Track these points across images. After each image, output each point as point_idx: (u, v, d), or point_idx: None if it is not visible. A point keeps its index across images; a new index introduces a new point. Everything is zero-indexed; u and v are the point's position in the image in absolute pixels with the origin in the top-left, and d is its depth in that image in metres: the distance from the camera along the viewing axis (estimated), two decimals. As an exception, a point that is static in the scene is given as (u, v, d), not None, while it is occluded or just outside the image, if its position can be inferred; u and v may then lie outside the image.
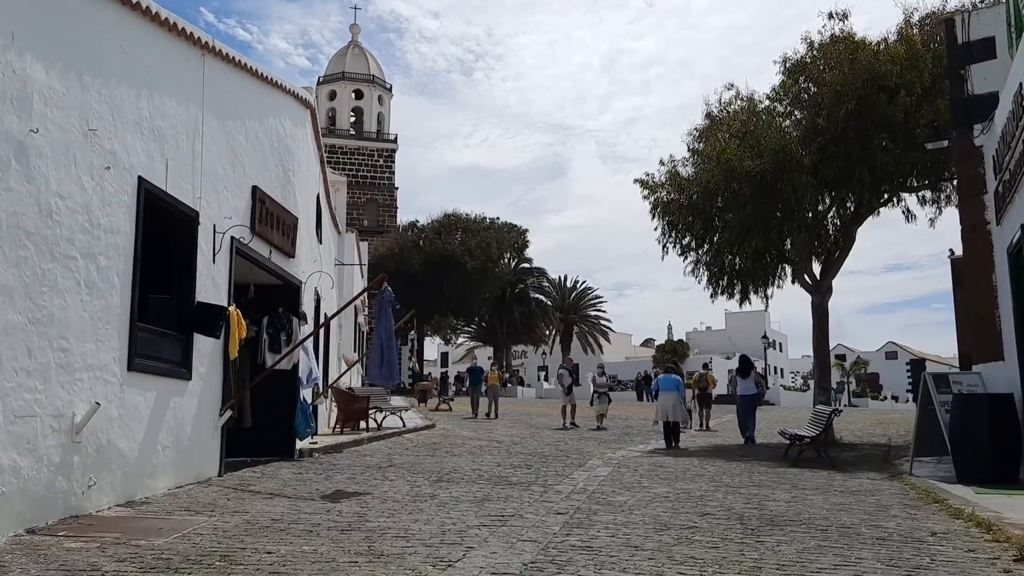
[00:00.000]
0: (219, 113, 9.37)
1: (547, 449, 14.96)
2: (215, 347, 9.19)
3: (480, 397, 23.47)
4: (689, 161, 19.07)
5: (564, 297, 65.38)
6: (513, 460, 12.79)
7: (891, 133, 15.77)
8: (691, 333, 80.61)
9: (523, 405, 34.99)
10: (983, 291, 11.30)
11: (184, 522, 6.52)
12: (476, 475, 10.48)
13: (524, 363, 79.31)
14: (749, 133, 17.48)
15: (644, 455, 14.54)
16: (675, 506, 8.09)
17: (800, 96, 17.70)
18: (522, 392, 54.36)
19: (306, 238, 13.14)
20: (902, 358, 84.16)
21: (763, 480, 10.59)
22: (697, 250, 19.18)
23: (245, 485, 8.89)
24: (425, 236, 52.50)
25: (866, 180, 15.88)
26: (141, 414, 7.55)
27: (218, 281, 9.26)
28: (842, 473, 11.56)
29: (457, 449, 14.54)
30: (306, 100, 12.68)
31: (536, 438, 17.50)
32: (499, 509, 7.62)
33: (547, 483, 9.84)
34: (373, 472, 10.49)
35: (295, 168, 12.00)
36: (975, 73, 11.67)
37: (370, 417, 17.07)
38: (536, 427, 20.67)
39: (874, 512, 7.85)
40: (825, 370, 17.63)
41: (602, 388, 21.70)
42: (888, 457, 13.88)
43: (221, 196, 9.40)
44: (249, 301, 11.21)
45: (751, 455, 14.59)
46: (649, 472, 11.44)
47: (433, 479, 9.93)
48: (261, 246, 10.58)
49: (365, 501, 7.98)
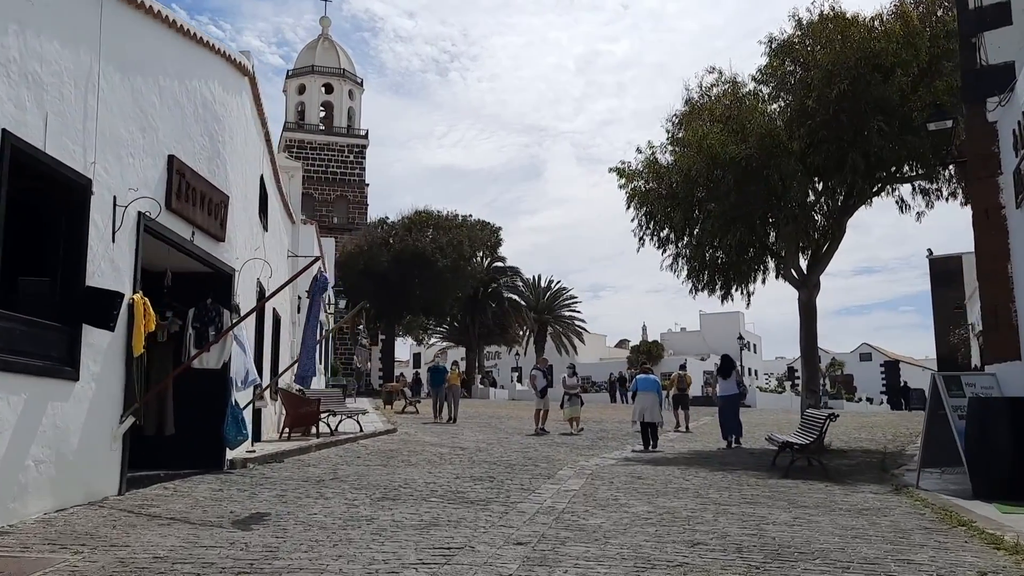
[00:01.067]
0: (124, 66, 7.93)
1: (514, 457, 13.62)
2: (114, 342, 7.74)
3: (443, 399, 21.86)
4: (668, 148, 17.82)
5: (538, 297, 63.99)
6: (475, 471, 11.44)
7: (886, 116, 14.62)
8: (666, 334, 79.62)
9: (494, 407, 33.53)
10: (997, 283, 10.16)
11: (37, 562, 5.11)
12: (429, 490, 9.11)
13: (498, 364, 77.89)
14: (733, 118, 16.27)
15: (620, 463, 13.26)
16: (658, 532, 6.78)
17: (787, 79, 16.52)
18: (494, 394, 52.94)
19: (244, 222, 11.70)
20: (876, 360, 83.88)
21: (755, 495, 9.33)
22: (676, 243, 17.94)
23: (146, 507, 7.45)
24: (395, 233, 50.86)
25: (859, 166, 14.71)
26: (2, 423, 6.10)
27: (119, 263, 7.82)
28: (841, 486, 10.33)
29: (415, 457, 13.16)
30: (242, 66, 11.24)
31: (504, 444, 16.15)
32: (446, 539, 6.26)
33: (509, 500, 8.50)
34: (309, 487, 9.09)
35: (226, 140, 10.56)
36: (989, 41, 10.51)
37: (322, 421, 15.62)
38: (505, 432, 19.31)
39: (895, 539, 6.60)
40: (814, 371, 16.46)
41: (573, 390, 20.20)
42: (885, 465, 12.70)
43: (125, 164, 7.96)
44: (168, 290, 9.79)
45: (735, 463, 13.36)
46: (626, 485, 10.14)
47: (377, 496, 8.55)
48: (180, 225, 9.14)
49: (284, 528, 6.58)
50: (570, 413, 19.68)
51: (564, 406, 19.92)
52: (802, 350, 16.66)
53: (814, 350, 16.54)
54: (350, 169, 64.54)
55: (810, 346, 16.42)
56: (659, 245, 18.12)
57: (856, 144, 14.90)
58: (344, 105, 65.61)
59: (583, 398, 21.23)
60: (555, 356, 57.76)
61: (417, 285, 48.32)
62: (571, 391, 20.02)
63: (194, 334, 10.21)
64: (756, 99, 16.83)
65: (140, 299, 8.00)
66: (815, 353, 16.66)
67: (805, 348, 16.48)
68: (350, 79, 66.29)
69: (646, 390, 16.20)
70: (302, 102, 64.98)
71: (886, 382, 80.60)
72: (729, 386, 16.91)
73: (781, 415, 33.67)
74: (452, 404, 21.20)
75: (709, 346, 73.67)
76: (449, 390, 21.33)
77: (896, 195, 16.42)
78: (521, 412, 27.10)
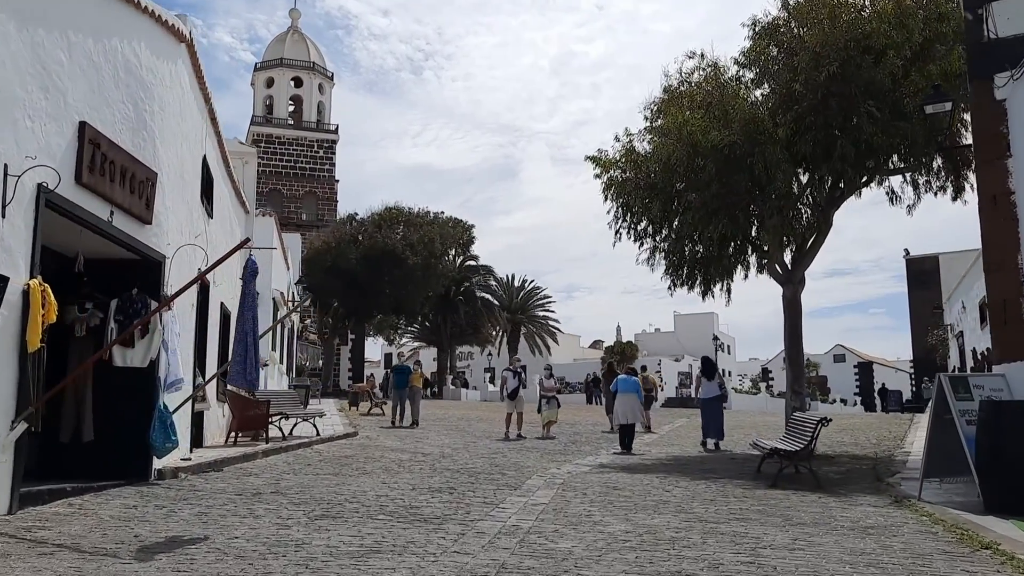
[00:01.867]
0: (20, 14, 6.79)
1: (479, 464, 12.59)
2: (2, 336, 6.59)
3: (405, 401, 19.89)
4: (647, 136, 16.83)
5: (512, 297, 62.89)
6: (435, 480, 10.38)
7: (877, 101, 13.75)
8: (640, 335, 78.95)
9: (465, 409, 32.32)
10: (1006, 275, 9.28)
11: None
12: (378, 505, 8.05)
13: (471, 365, 76.71)
14: (715, 103, 15.32)
15: (594, 470, 12.27)
16: (639, 559, 5.78)
17: (771, 63, 15.59)
18: (466, 395, 51.78)
19: (179, 204, 10.54)
20: (850, 361, 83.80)
21: (745, 510, 8.36)
22: (655, 236, 16.94)
23: (34, 529, 6.31)
24: (364, 230, 49.49)
25: (849, 154, 13.82)
26: None
27: (10, 242, 6.66)
28: (836, 498, 9.40)
29: (371, 465, 12.08)
30: (176, 30, 10.08)
31: (470, 449, 15.10)
32: (386, 571, 5.21)
33: (468, 517, 7.46)
34: (241, 502, 7.98)
35: (155, 111, 9.41)
36: (997, 12, 9.64)
37: (274, 424, 14.47)
38: (474, 436, 18.22)
39: (914, 567, 5.65)
40: (799, 372, 15.51)
41: (550, 392, 18.99)
42: (878, 473, 11.81)
43: (22, 128, 6.82)
44: (85, 277, 8.64)
45: (718, 471, 12.42)
46: (601, 497, 9.14)
47: (317, 513, 7.47)
48: (94, 203, 7.99)
49: (192, 558, 5.49)
50: (547, 417, 18.47)
51: (541, 409, 18.75)
52: (786, 349, 15.74)
53: (799, 349, 15.62)
54: (320, 164, 63.15)
55: (795, 345, 15.51)
56: (636, 239, 17.11)
57: (846, 130, 14.03)
58: (314, 99, 64.18)
59: (560, 400, 20.15)
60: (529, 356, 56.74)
61: (387, 283, 47.02)
62: (547, 393, 18.87)
63: (117, 328, 9.07)
64: (739, 84, 15.90)
65: (37, 285, 6.85)
66: (800, 352, 15.74)
67: (790, 347, 15.56)
68: (320, 73, 64.88)
69: (626, 391, 16.16)
70: (270, 96, 63.49)
71: (860, 383, 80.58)
72: (712, 388, 16.57)
73: (758, 417, 32.93)
74: (414, 407, 19.78)
75: (683, 347, 73.12)
76: (410, 391, 19.87)
77: (886, 186, 15.53)
78: (492, 414, 26.05)
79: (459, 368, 69.38)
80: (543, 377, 19.63)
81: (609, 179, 16.89)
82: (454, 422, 22.46)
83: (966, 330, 27.85)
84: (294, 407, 15.79)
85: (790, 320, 15.67)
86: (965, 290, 27.43)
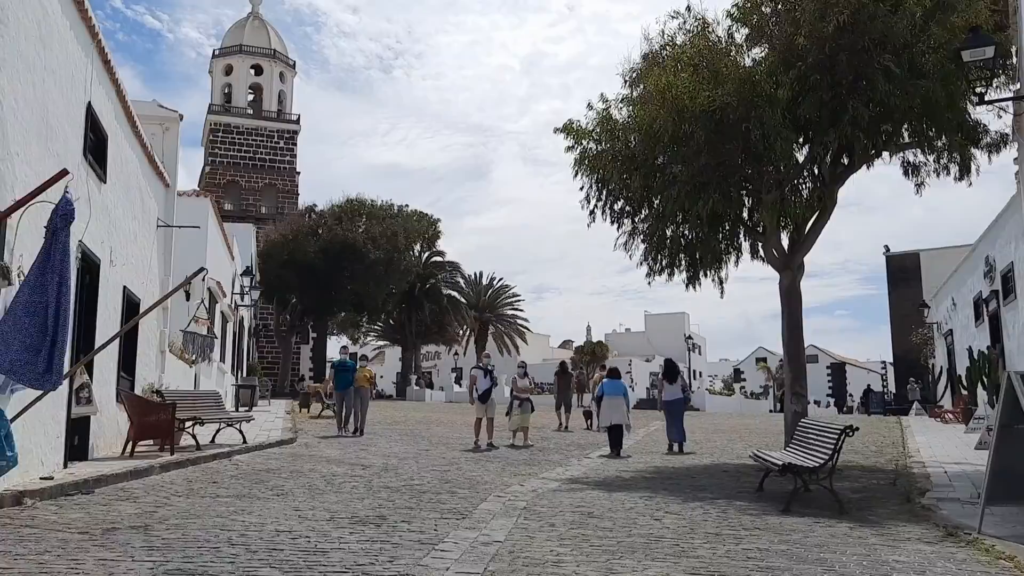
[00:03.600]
0: None
1: (427, 479, 10.45)
2: None
3: (350, 405, 16.93)
4: (625, 103, 14.75)
5: (480, 295, 60.70)
6: (365, 504, 8.23)
7: (895, 56, 11.84)
8: (610, 335, 77.37)
9: (426, 411, 29.92)
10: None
11: None
12: (268, 548, 5.87)
13: (437, 364, 74.39)
14: (704, 64, 13.30)
15: (564, 487, 10.19)
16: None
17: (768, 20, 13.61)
18: (430, 395, 49.48)
19: (34, 149, 8.26)
20: (822, 362, 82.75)
21: (763, 551, 6.29)
22: (634, 216, 14.86)
23: None
24: (324, 223, 47.03)
25: (862, 117, 11.88)
26: None
27: None
28: (871, 528, 7.39)
29: (293, 481, 9.88)
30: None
31: (420, 460, 12.94)
32: None
33: (392, 566, 5.33)
34: (73, 544, 5.74)
35: (-10, 22, 7.14)
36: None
37: (186, 431, 12.19)
38: (429, 443, 16.00)
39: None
40: (800, 370, 13.48)
41: (523, 394, 16.53)
42: (907, 493, 9.84)
43: None
44: None
45: (712, 487, 10.40)
46: (573, 529, 7.05)
47: (170, 566, 5.27)
48: None
49: None
50: (519, 422, 15.99)
51: (511, 413, 16.19)
52: (785, 344, 13.72)
53: (800, 344, 13.61)
54: (280, 156, 60.44)
55: (795, 339, 13.48)
56: (613, 220, 15.01)
57: (857, 91, 12.10)
58: (275, 88, 61.45)
59: (534, 402, 17.75)
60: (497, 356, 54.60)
61: (347, 278, 44.68)
62: (521, 395, 16.40)
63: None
64: (731, 43, 13.89)
65: None
66: (801, 347, 13.74)
67: (789, 341, 13.53)
68: (282, 61, 62.19)
69: (613, 394, 15.78)
70: (229, 84, 60.65)
71: (832, 385, 79.57)
72: (675, 391, 16.42)
73: (736, 420, 31.12)
74: (359, 411, 17.17)
75: (654, 347, 71.65)
76: (356, 393, 17.27)
77: (901, 157, 13.52)
78: (455, 417, 23.89)
79: (424, 368, 67.09)
80: (517, 376, 17.32)
81: (582, 152, 14.78)
82: (411, 426, 20.26)
83: (957, 328, 26.25)
84: (213, 411, 13.47)
85: (789, 311, 13.70)
86: (956, 287, 25.81)
